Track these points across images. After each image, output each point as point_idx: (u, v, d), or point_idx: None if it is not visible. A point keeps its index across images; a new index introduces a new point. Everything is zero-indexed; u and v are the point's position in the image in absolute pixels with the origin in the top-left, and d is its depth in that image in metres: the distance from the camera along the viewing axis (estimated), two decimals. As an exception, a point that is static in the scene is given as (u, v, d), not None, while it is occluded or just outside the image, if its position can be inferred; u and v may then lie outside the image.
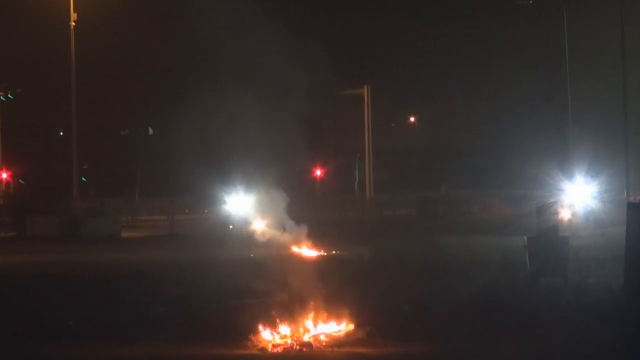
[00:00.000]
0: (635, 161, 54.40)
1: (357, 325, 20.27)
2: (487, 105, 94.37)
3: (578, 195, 58.29)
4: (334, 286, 21.72)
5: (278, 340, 19.67)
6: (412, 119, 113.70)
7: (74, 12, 66.34)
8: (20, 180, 79.67)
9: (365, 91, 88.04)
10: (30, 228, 61.89)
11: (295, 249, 20.52)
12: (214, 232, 51.75)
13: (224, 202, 21.79)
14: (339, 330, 20.08)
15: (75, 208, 66.11)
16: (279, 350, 19.33)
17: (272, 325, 19.93)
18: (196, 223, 63.23)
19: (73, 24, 66.26)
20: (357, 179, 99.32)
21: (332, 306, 20.38)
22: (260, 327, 19.93)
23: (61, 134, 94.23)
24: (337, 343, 19.64)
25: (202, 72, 21.31)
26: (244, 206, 21.09)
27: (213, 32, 20.22)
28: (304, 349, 19.39)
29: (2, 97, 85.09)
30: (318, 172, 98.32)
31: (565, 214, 48.14)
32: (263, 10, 20.36)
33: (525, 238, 30.22)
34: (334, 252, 36.02)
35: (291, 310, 19.97)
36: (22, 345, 20.63)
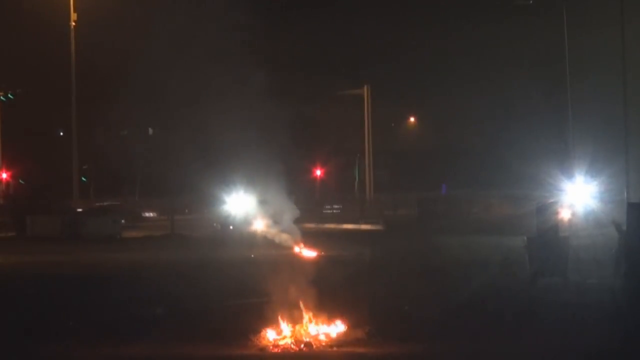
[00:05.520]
0: (635, 161, 54.30)
1: (357, 325, 20.27)
2: (487, 105, 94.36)
3: (578, 195, 58.22)
4: (334, 286, 21.73)
5: (278, 341, 19.67)
6: (412, 119, 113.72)
7: (74, 12, 66.39)
8: (20, 180, 79.60)
9: (365, 91, 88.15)
10: (30, 228, 61.92)
11: (295, 249, 20.52)
12: (214, 233, 51.80)
13: (224, 202, 21.78)
14: (339, 330, 20.07)
15: (75, 208, 66.17)
16: (279, 350, 19.33)
17: (272, 325, 19.93)
18: (196, 223, 63.26)
19: (73, 24, 66.33)
20: (357, 179, 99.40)
21: (332, 306, 20.39)
22: (261, 327, 19.94)
23: (61, 134, 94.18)
24: (337, 343, 19.64)
25: (201, 73, 21.30)
26: (244, 206, 21.09)
27: (214, 32, 20.23)
28: (304, 349, 19.39)
29: (2, 97, 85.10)
30: (318, 172, 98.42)
31: (565, 214, 48.10)
32: (264, 11, 20.38)
33: (525, 238, 30.18)
34: (334, 252, 36.07)
35: (291, 310, 19.97)
36: (22, 345, 20.62)
